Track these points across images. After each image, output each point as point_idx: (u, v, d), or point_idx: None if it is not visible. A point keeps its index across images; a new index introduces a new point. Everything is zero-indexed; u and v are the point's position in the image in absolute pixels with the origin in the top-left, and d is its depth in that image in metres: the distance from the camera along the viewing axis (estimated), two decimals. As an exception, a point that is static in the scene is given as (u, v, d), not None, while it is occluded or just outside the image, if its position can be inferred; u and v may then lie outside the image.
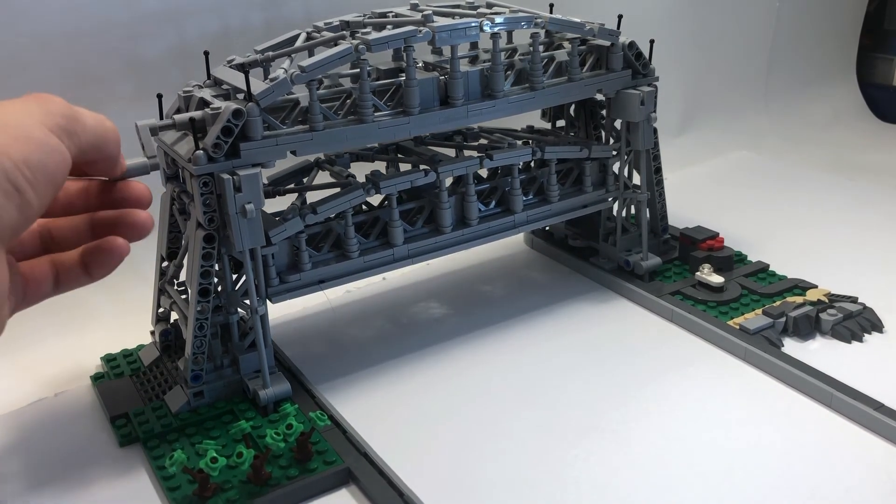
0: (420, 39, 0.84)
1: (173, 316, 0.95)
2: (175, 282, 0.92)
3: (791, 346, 0.93)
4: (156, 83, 1.07)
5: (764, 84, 1.80)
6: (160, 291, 0.94)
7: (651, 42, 1.01)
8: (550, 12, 1.03)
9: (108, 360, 0.95)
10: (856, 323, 0.95)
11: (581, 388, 0.88)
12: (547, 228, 1.19)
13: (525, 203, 1.00)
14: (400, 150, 1.02)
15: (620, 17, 1.01)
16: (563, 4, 1.08)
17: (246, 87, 0.77)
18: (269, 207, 0.85)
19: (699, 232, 1.11)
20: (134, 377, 0.91)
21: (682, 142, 1.63)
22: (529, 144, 0.99)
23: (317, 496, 0.75)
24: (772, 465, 0.75)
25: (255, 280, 0.81)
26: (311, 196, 0.91)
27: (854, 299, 0.99)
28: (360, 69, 0.82)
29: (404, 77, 0.86)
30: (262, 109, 0.78)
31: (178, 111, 0.84)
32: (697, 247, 1.09)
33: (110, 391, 0.88)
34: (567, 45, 0.99)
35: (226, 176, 0.75)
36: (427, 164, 0.92)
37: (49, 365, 0.96)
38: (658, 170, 1.09)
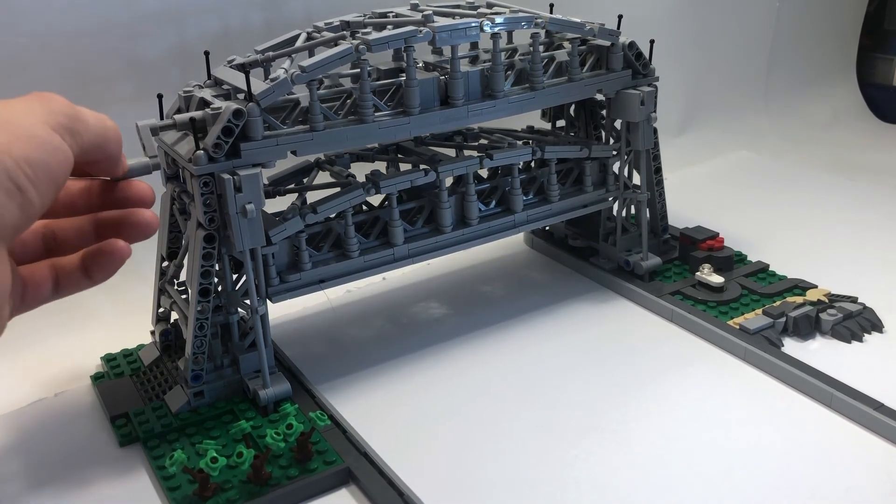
0: (420, 39, 0.84)
1: (173, 316, 0.95)
2: (175, 282, 0.92)
3: (791, 346, 0.93)
4: (156, 83, 1.07)
5: (764, 84, 1.80)
6: (160, 291, 0.94)
7: (651, 42, 1.01)
8: (550, 12, 1.03)
9: (108, 360, 0.95)
10: (856, 323, 0.95)
11: (581, 388, 0.88)
12: (547, 228, 1.19)
13: (525, 203, 1.00)
14: (400, 150, 1.02)
15: (620, 17, 1.01)
16: (563, 4, 1.08)
17: (246, 87, 0.77)
18: (270, 207, 0.85)
19: (699, 232, 1.11)
20: (134, 377, 0.91)
21: (682, 142, 1.63)
22: (529, 144, 0.99)
23: (317, 496, 0.75)
24: (772, 465, 0.75)
25: (256, 280, 0.81)
26: (312, 196, 0.91)
27: (854, 299, 0.99)
28: (360, 69, 0.82)
29: (404, 77, 0.86)
30: (262, 109, 0.78)
31: (179, 111, 0.84)
32: (697, 247, 1.09)
33: (110, 391, 0.88)
34: (567, 45, 0.99)
35: (226, 176, 0.75)
36: (427, 164, 0.92)
37: (49, 365, 0.96)
38: (658, 170, 1.09)
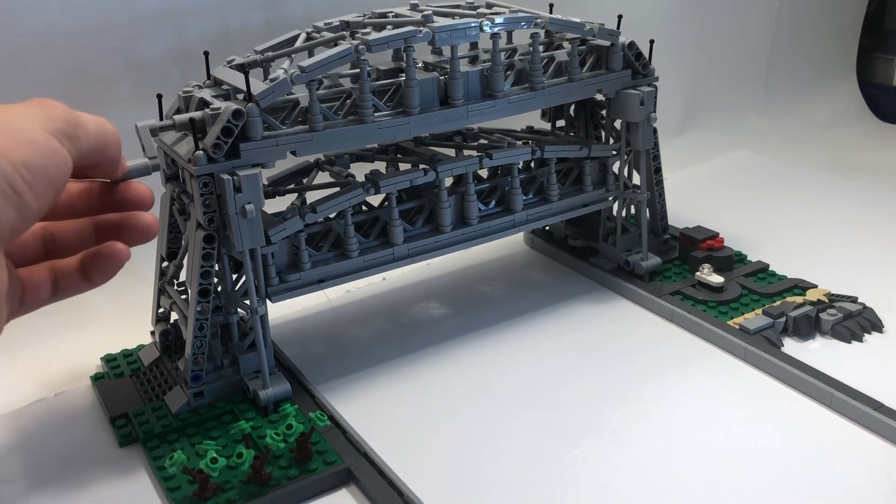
0: (420, 40, 0.84)
1: (173, 316, 0.95)
2: (175, 282, 0.92)
3: (791, 346, 0.93)
4: (156, 83, 1.07)
5: (764, 84, 1.80)
6: (160, 291, 0.94)
7: (651, 42, 1.01)
8: (550, 12, 1.03)
9: (108, 360, 0.95)
10: (856, 323, 0.95)
11: (581, 387, 0.88)
12: (547, 228, 1.19)
13: (525, 202, 1.00)
14: (400, 151, 1.02)
15: (620, 17, 1.01)
16: (563, 4, 1.08)
17: (246, 88, 0.77)
18: (269, 208, 0.85)
19: (699, 232, 1.11)
20: (134, 377, 0.91)
21: (682, 142, 1.63)
22: (529, 144, 0.99)
23: (317, 496, 0.75)
24: (772, 465, 0.75)
25: (255, 280, 0.81)
26: (311, 196, 0.91)
27: (854, 299, 0.99)
28: (360, 69, 0.82)
29: (404, 77, 0.86)
30: (262, 110, 0.78)
31: (178, 111, 0.84)
32: (697, 247, 1.09)
33: (110, 391, 0.88)
34: (567, 45, 0.99)
35: (226, 176, 0.75)
36: (427, 164, 0.92)
37: (49, 365, 0.96)
38: (658, 170, 1.09)
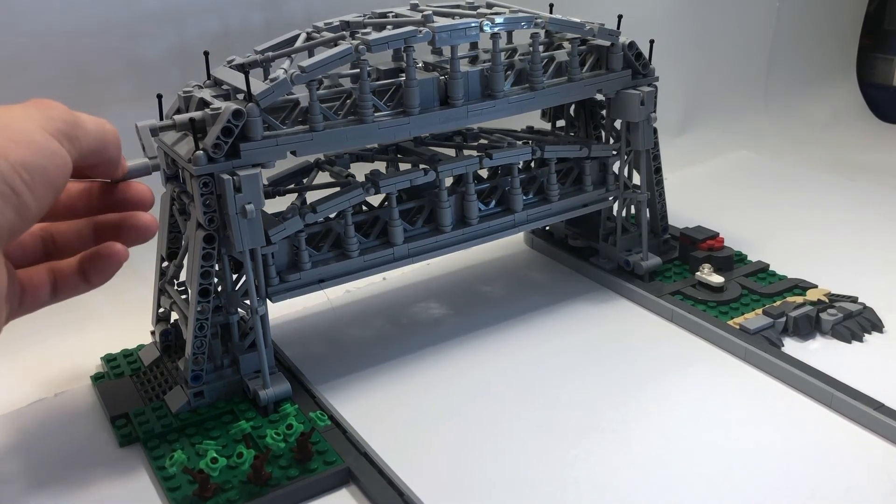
0: (420, 40, 0.84)
1: (173, 316, 0.95)
2: (175, 282, 0.92)
3: (791, 346, 0.93)
4: (156, 83, 1.07)
5: (764, 84, 1.80)
6: (160, 291, 0.94)
7: (651, 42, 1.01)
8: (550, 12, 1.03)
9: (108, 360, 0.95)
10: (856, 323, 0.95)
11: (581, 387, 0.88)
12: (547, 228, 1.19)
13: (525, 202, 1.00)
14: (400, 151, 1.02)
15: (620, 17, 1.01)
16: (563, 4, 1.08)
17: (246, 88, 0.77)
18: (269, 208, 0.85)
19: (699, 232, 1.11)
20: (134, 377, 0.91)
21: (682, 142, 1.63)
22: (529, 144, 0.99)
23: (317, 496, 0.75)
24: (772, 465, 0.75)
25: (255, 280, 0.81)
26: (311, 196, 0.91)
27: (854, 299, 0.99)
28: (360, 69, 0.82)
29: (404, 77, 0.86)
30: (262, 110, 0.78)
31: (178, 111, 0.84)
32: (697, 247, 1.09)
33: (110, 391, 0.88)
34: (567, 45, 0.99)
35: (226, 176, 0.75)
36: (427, 164, 0.92)
37: (49, 365, 0.96)
38: (658, 170, 1.09)
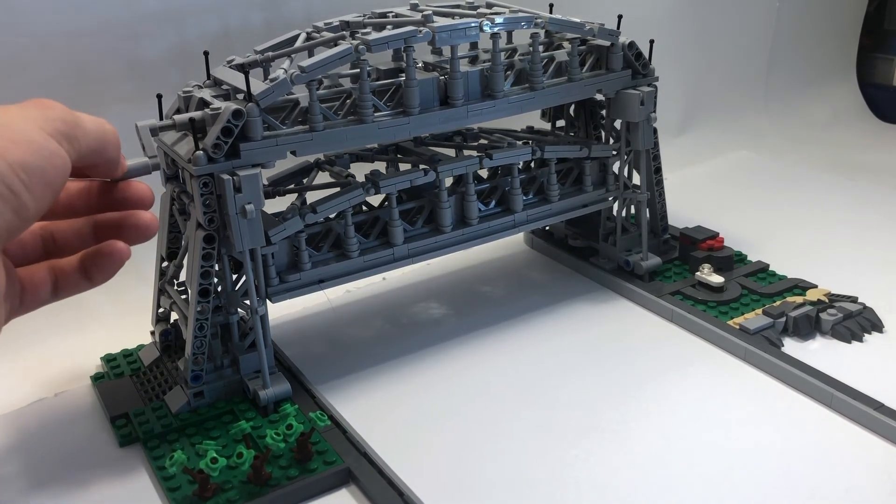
0: (420, 40, 0.84)
1: (173, 316, 0.95)
2: (175, 282, 0.92)
3: (791, 346, 0.93)
4: (156, 83, 1.07)
5: (764, 84, 1.80)
6: (160, 291, 0.94)
7: (651, 42, 1.01)
8: (550, 12, 1.03)
9: (108, 360, 0.95)
10: (856, 323, 0.95)
11: (581, 387, 0.88)
12: (547, 228, 1.19)
13: (525, 203, 1.00)
14: (400, 151, 1.02)
15: (620, 17, 1.01)
16: (563, 4, 1.08)
17: (246, 88, 0.77)
18: (269, 208, 0.85)
19: (699, 232, 1.11)
20: (134, 377, 0.91)
21: (682, 142, 1.63)
22: (529, 144, 0.99)
23: (317, 496, 0.75)
24: (772, 465, 0.75)
25: (255, 280, 0.81)
26: (311, 196, 0.91)
27: (854, 299, 0.99)
28: (360, 69, 0.82)
29: (404, 77, 0.86)
30: (262, 110, 0.78)
31: (178, 111, 0.84)
32: (697, 247, 1.09)
33: (110, 391, 0.88)
34: (567, 45, 0.99)
35: (226, 176, 0.75)
36: (427, 164, 0.92)
37: (49, 365, 0.96)
38: (658, 170, 1.09)
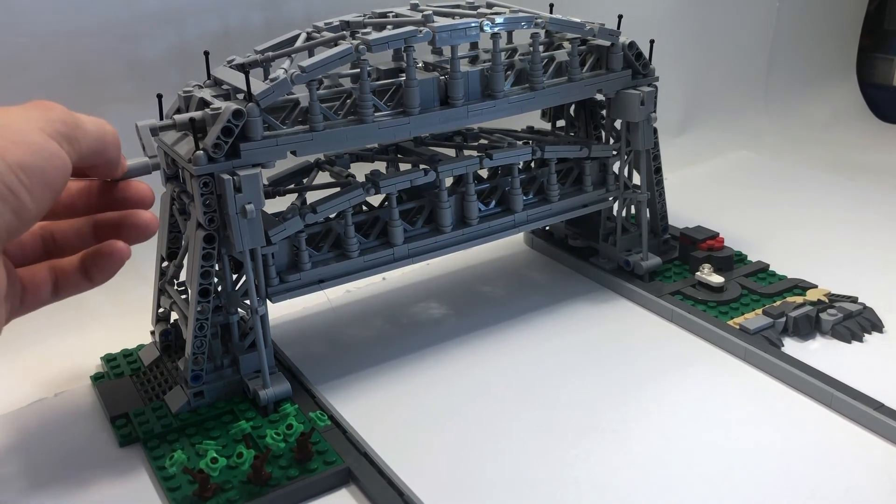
0: (420, 40, 0.84)
1: (173, 316, 0.95)
2: (175, 282, 0.92)
3: (791, 346, 0.93)
4: (156, 83, 1.07)
5: (764, 84, 1.80)
6: (160, 291, 0.94)
7: (651, 42, 1.01)
8: (550, 12, 1.03)
9: (108, 360, 0.95)
10: (856, 323, 0.95)
11: (581, 387, 0.88)
12: (547, 228, 1.19)
13: (525, 203, 1.00)
14: (400, 151, 1.02)
15: (620, 17, 1.01)
16: (563, 4, 1.08)
17: (246, 88, 0.77)
18: (269, 208, 0.85)
19: (699, 232, 1.11)
20: (134, 377, 0.91)
21: (682, 142, 1.63)
22: (529, 144, 0.99)
23: (317, 496, 0.75)
24: (772, 465, 0.75)
25: (255, 280, 0.81)
26: (311, 196, 0.91)
27: (854, 299, 0.99)
28: (360, 69, 0.82)
29: (404, 77, 0.86)
30: (262, 110, 0.78)
31: (178, 111, 0.84)
32: (697, 247, 1.09)
33: (110, 391, 0.88)
34: (567, 45, 0.99)
35: (226, 176, 0.75)
36: (427, 164, 0.92)
37: (49, 365, 0.96)
38: (658, 170, 1.09)
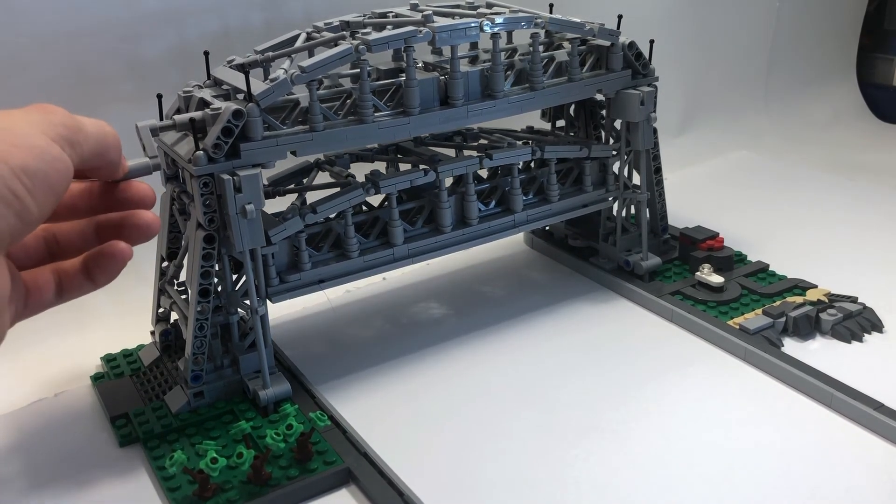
0: (420, 40, 0.84)
1: (173, 316, 0.95)
2: (175, 282, 0.92)
3: (791, 346, 0.93)
4: (156, 83, 1.07)
5: (764, 84, 1.80)
6: (160, 291, 0.94)
7: (651, 42, 1.01)
8: (550, 12, 1.03)
9: (108, 360, 0.95)
10: (856, 323, 0.95)
11: (581, 388, 0.88)
12: (547, 228, 1.19)
13: (525, 203, 1.00)
14: (400, 151, 1.02)
15: (620, 17, 1.01)
16: (563, 4, 1.08)
17: (246, 88, 0.77)
18: (269, 208, 0.85)
19: (699, 232, 1.11)
20: (134, 377, 0.91)
21: (682, 142, 1.63)
22: (529, 144, 0.99)
23: (317, 496, 0.75)
24: (772, 465, 0.75)
25: (255, 280, 0.81)
26: (311, 196, 0.91)
27: (854, 299, 0.99)
28: (360, 69, 0.82)
29: (404, 77, 0.86)
30: (262, 110, 0.78)
31: (178, 111, 0.84)
32: (697, 247, 1.09)
33: (110, 391, 0.88)
34: (567, 45, 0.99)
35: (226, 176, 0.75)
36: (427, 164, 0.92)
37: (49, 365, 0.96)
38: (658, 170, 1.09)
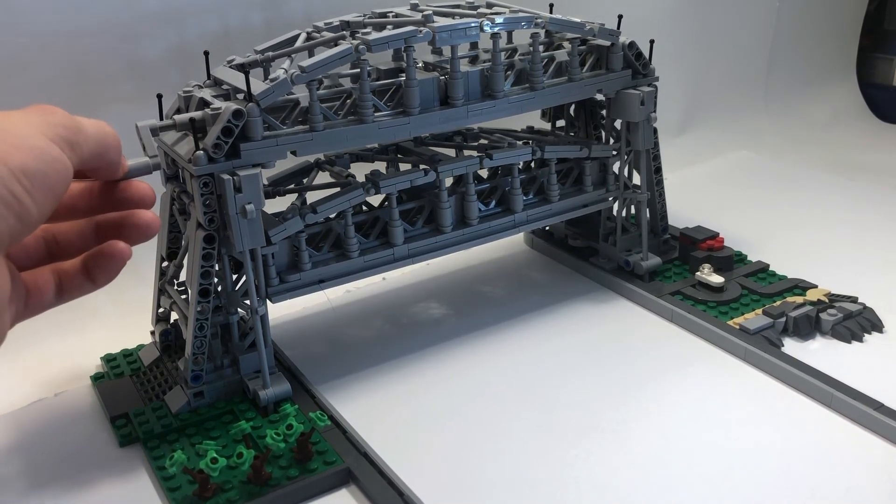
0: (420, 40, 0.84)
1: (173, 316, 0.95)
2: (175, 282, 0.92)
3: (791, 346, 0.93)
4: (156, 83, 1.07)
5: (764, 84, 1.80)
6: (160, 291, 0.94)
7: (651, 42, 1.01)
8: (550, 12, 1.03)
9: (108, 360, 0.95)
10: (856, 323, 0.95)
11: (581, 388, 0.88)
12: (547, 228, 1.19)
13: (525, 203, 1.00)
14: (400, 151, 1.02)
15: (620, 17, 1.01)
16: (563, 4, 1.08)
17: (246, 88, 0.77)
18: (270, 208, 0.85)
19: (699, 232, 1.11)
20: (134, 377, 0.91)
21: (682, 142, 1.63)
22: (529, 144, 0.99)
23: (317, 496, 0.75)
24: (772, 465, 0.75)
25: (255, 280, 0.81)
26: (312, 196, 0.91)
27: (854, 299, 0.99)
28: (360, 69, 0.82)
29: (404, 77, 0.86)
30: (262, 110, 0.78)
31: (179, 111, 0.84)
32: (697, 247, 1.09)
33: (110, 391, 0.88)
34: (567, 45, 0.99)
35: (226, 176, 0.75)
36: (427, 164, 0.92)
37: (49, 365, 0.96)
38: (658, 170, 1.09)
